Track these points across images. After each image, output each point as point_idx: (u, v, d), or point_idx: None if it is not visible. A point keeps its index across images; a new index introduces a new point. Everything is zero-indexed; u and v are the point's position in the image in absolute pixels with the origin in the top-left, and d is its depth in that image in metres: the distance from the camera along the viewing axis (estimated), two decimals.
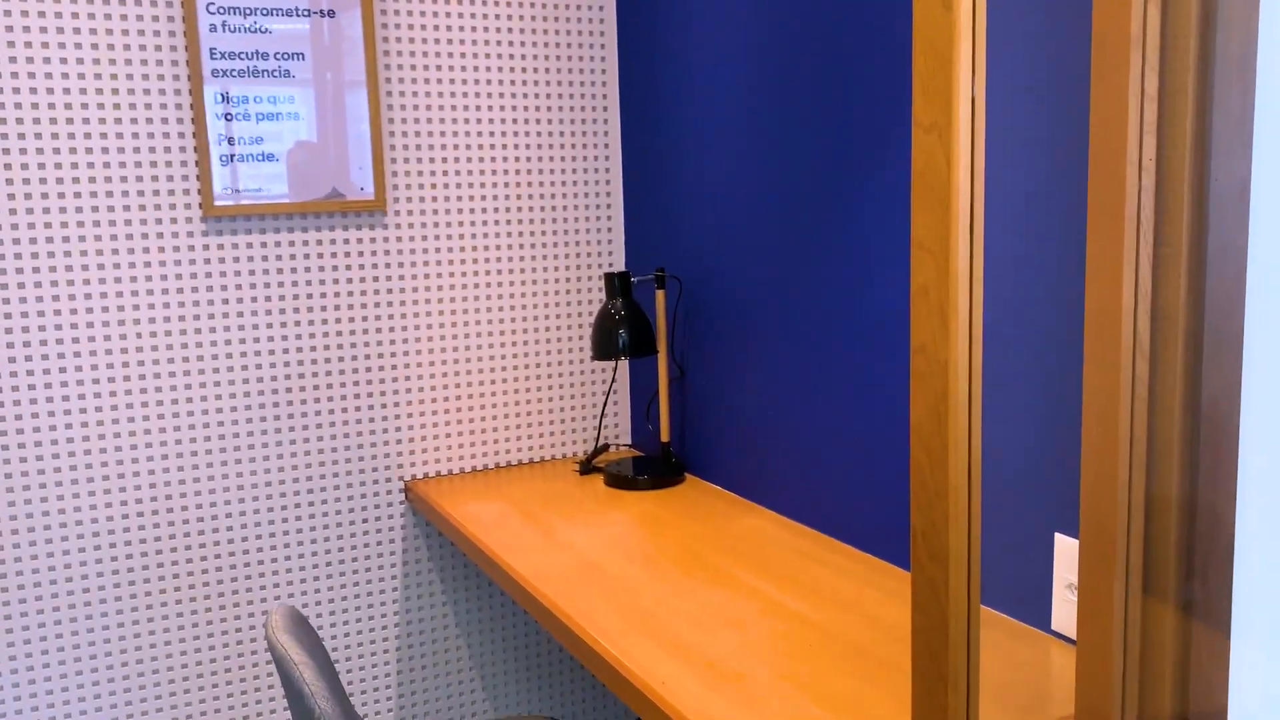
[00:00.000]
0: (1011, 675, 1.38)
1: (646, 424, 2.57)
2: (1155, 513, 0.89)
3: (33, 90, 2.03)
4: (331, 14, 2.23)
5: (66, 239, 2.08)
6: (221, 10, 2.14)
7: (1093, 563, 0.89)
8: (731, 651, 1.49)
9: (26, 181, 2.04)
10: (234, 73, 2.17)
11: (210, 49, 2.14)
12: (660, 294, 2.37)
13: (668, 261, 2.42)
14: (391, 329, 2.37)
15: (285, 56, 2.21)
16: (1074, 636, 1.28)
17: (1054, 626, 1.45)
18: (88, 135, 2.07)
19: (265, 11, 2.18)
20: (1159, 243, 0.88)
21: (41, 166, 2.05)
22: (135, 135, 2.11)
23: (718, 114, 2.17)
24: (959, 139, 0.88)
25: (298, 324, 2.29)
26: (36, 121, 2.03)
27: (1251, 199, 0.83)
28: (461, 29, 2.37)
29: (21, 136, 2.03)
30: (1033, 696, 1.33)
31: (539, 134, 2.47)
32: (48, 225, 2.06)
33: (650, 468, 2.34)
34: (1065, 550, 1.41)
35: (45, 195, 2.06)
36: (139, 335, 2.15)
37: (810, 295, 1.93)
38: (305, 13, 2.21)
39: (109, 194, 2.10)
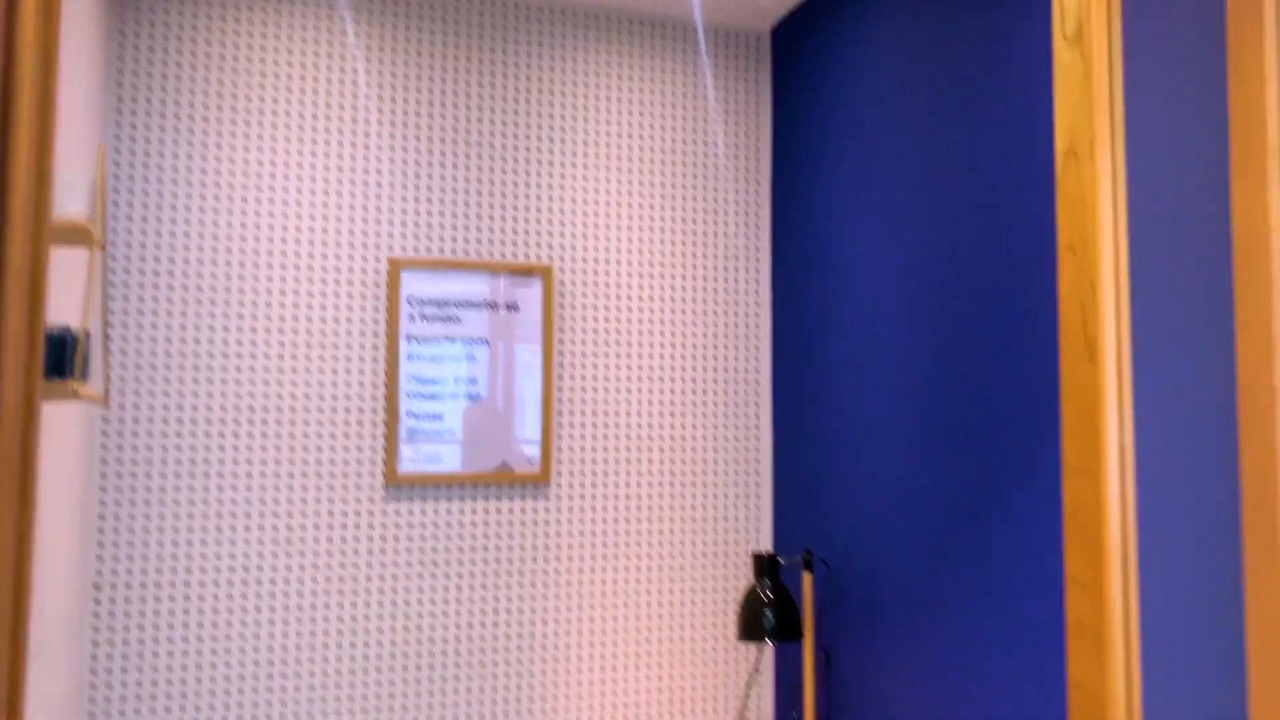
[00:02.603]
0: None
1: (791, 712, 2.52)
2: None
3: (267, 377, 2.30)
4: (516, 307, 2.48)
5: (263, 499, 2.28)
6: (421, 302, 2.41)
7: None
8: None
9: (234, 448, 2.28)
10: (425, 357, 2.41)
11: (407, 335, 2.40)
12: (807, 577, 2.39)
13: (815, 543, 2.46)
14: (545, 596, 2.46)
15: (471, 342, 2.45)
16: None
17: None
18: (294, 414, 2.32)
19: (459, 303, 2.44)
20: None
21: (263, 449, 2.29)
22: (334, 410, 2.35)
23: (870, 404, 2.26)
24: (1108, 481, 0.93)
25: (459, 588, 2.40)
26: (263, 411, 2.30)
27: None
28: (628, 322, 2.58)
29: (228, 422, 2.29)
30: None
31: (693, 414, 2.62)
32: (248, 487, 2.28)
33: None
34: None
35: (250, 461, 2.29)
36: (315, 581, 2.30)
37: (961, 594, 1.93)
38: (494, 305, 2.46)
39: (305, 461, 2.32)
